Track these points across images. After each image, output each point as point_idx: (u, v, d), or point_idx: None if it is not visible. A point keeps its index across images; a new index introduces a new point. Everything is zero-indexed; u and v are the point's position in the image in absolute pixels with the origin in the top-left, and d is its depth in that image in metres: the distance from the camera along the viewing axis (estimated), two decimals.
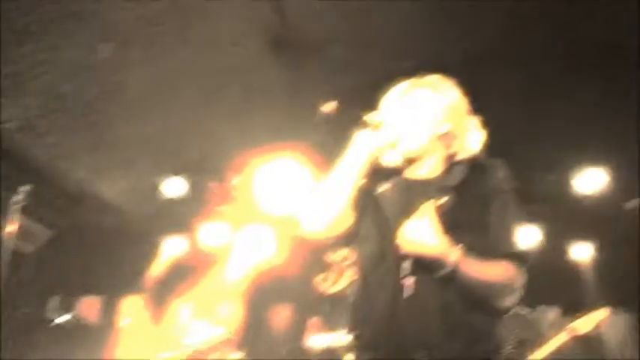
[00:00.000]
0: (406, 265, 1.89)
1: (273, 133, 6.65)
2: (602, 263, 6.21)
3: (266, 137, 5.60)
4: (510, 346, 3.84)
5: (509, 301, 1.94)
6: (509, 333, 3.88)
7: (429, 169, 2.08)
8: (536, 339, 3.81)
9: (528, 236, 6.16)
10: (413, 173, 2.09)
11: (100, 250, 7.08)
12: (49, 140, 5.36)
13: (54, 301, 6.94)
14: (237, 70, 5.78)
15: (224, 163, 6.73)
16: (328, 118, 2.03)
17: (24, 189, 2.70)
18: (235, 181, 6.34)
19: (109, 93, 5.23)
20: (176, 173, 6.66)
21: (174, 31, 4.70)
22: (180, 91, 5.73)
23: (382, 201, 2.00)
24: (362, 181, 2.01)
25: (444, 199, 1.92)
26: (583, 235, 6.29)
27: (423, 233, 1.85)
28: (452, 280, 1.85)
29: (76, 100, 5.12)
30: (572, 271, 6.31)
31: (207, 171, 6.94)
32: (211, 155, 6.96)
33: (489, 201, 1.97)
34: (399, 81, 2.16)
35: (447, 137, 2.04)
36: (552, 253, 6.19)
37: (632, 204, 5.68)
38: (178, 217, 7.09)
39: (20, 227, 2.89)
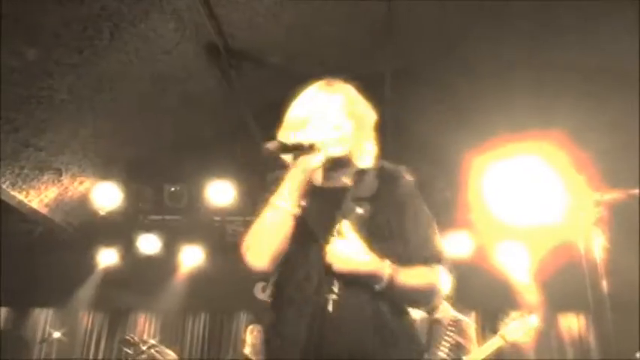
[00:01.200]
0: (335, 283, 1.87)
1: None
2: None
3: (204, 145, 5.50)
4: (446, 349, 3.90)
5: (436, 302, 2.01)
6: (444, 337, 3.94)
7: (342, 177, 2.05)
8: (469, 343, 3.89)
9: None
10: (327, 183, 2.05)
11: (25, 259, 6.80)
12: None
13: None
14: (173, 77, 5.69)
15: (160, 170, 6.61)
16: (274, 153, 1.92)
17: None
18: None
19: (36, 97, 5.04)
20: (109, 180, 6.48)
21: (104, 36, 4.57)
22: (114, 96, 5.58)
23: (304, 215, 1.90)
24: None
25: (363, 210, 1.91)
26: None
27: (353, 250, 1.84)
28: (383, 292, 1.86)
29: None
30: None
31: (142, 177, 6.78)
32: (146, 161, 6.83)
33: (404, 208, 1.98)
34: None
35: (353, 143, 2.03)
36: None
37: None
38: (113, 226, 6.88)
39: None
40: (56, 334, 6.63)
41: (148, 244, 7.05)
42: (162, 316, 7.45)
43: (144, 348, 5.51)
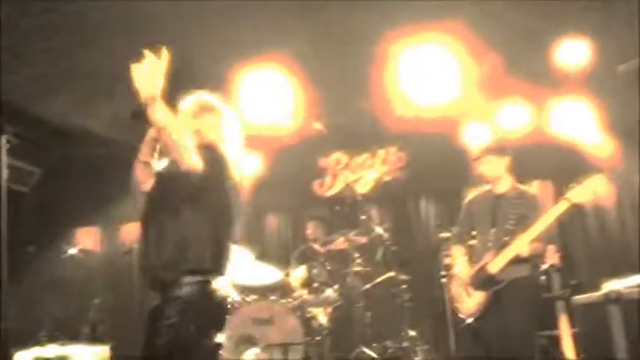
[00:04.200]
0: None
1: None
2: None
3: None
4: (512, 222, 3.95)
5: None
6: (510, 210, 3.98)
7: None
8: (536, 214, 3.91)
9: None
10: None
11: (90, 181, 7.08)
12: (21, 78, 5.19)
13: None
14: None
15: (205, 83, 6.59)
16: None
17: (7, 130, 2.63)
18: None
19: (72, 23, 5.01)
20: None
21: None
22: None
23: None
24: None
25: None
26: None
27: None
28: None
29: (41, 34, 4.91)
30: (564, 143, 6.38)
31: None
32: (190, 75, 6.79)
33: None
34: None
35: None
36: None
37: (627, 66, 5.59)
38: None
39: (10, 169, 2.83)
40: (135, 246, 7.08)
41: None
42: None
43: None
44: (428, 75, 5.98)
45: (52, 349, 5.12)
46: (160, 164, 2.79)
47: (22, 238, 6.12)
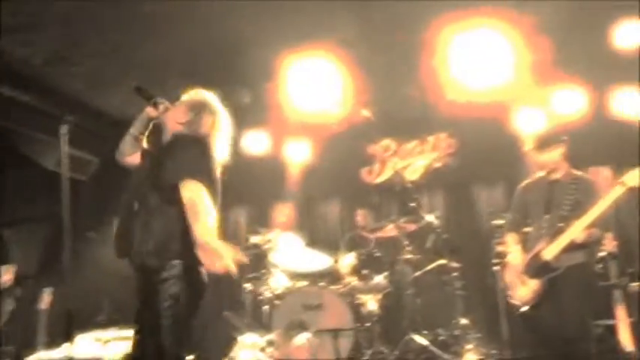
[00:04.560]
0: None
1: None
2: None
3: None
4: (567, 208, 3.86)
5: None
6: (565, 196, 3.90)
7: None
8: (592, 200, 3.81)
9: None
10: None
11: None
12: (80, 69, 5.36)
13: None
14: None
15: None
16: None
17: (68, 119, 2.71)
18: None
19: (131, 16, 5.14)
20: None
21: None
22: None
23: None
24: None
25: None
26: None
27: None
28: None
29: (101, 27, 5.06)
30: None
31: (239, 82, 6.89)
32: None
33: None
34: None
35: None
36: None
37: None
38: None
39: (70, 158, 2.94)
40: None
41: (255, 142, 7.33)
42: (281, 207, 7.79)
43: (270, 236, 5.88)
44: (479, 60, 5.88)
45: (111, 332, 5.30)
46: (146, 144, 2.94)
47: (81, 225, 6.35)
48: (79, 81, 5.46)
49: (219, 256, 2.59)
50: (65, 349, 3.91)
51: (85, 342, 4.59)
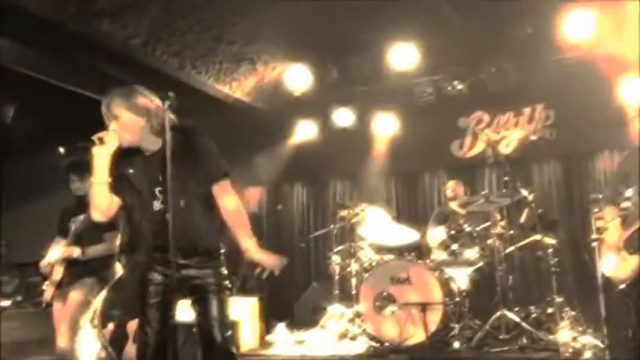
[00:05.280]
0: None
1: None
2: None
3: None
4: None
5: None
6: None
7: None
8: None
9: None
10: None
11: (242, 145, 7.52)
12: (174, 49, 5.59)
13: None
14: None
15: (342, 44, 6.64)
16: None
17: (169, 95, 2.82)
18: None
19: None
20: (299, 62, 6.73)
21: None
22: None
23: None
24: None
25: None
26: None
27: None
28: None
29: (192, 5, 5.24)
30: None
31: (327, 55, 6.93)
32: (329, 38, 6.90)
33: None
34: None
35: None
36: None
37: None
38: (307, 105, 7.27)
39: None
40: (279, 207, 7.56)
41: (342, 117, 7.39)
42: (368, 181, 7.83)
43: (357, 210, 5.95)
44: (578, 28, 5.62)
45: None
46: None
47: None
48: (173, 60, 5.69)
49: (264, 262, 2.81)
50: None
51: None
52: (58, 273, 4.23)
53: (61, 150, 2.71)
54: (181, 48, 5.62)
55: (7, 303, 5.92)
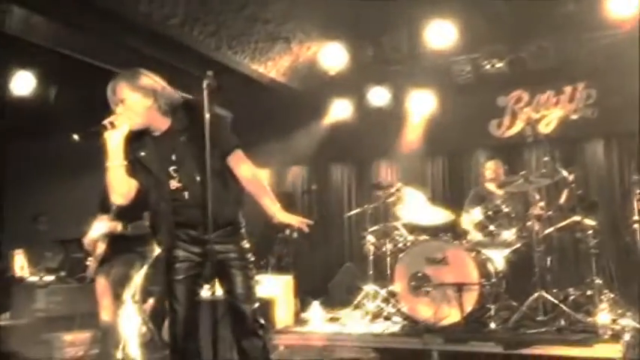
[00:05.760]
0: None
1: None
2: None
3: None
4: None
5: None
6: None
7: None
8: None
9: None
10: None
11: (277, 125, 7.56)
12: (211, 28, 5.62)
13: None
14: None
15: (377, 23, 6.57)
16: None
17: (208, 75, 2.83)
18: None
19: None
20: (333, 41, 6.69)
21: None
22: None
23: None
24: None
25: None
26: None
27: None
28: None
29: None
30: None
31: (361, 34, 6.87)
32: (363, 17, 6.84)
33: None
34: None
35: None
36: None
37: None
38: (343, 83, 7.24)
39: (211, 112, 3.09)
40: (313, 187, 7.63)
41: (378, 96, 7.34)
42: (403, 161, 7.79)
43: (393, 190, 5.94)
44: (621, 6, 5.45)
45: None
46: None
47: None
48: (210, 40, 5.73)
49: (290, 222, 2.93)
50: None
51: None
52: (101, 249, 4.34)
53: (75, 136, 2.72)
54: (217, 28, 5.64)
55: (51, 278, 6.10)
